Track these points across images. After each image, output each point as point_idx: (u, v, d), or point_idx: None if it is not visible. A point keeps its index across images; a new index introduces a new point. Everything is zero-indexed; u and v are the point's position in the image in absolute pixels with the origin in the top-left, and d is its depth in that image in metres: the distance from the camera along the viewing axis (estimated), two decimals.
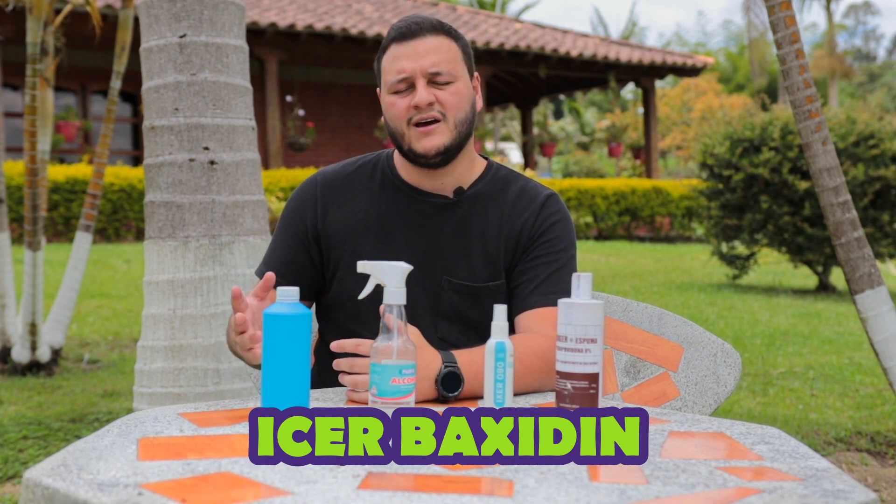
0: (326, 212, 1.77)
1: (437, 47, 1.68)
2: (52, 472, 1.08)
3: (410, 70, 1.67)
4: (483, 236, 1.75)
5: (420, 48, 1.67)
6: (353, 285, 1.73)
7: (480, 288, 1.74)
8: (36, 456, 3.36)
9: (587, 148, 23.56)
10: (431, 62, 1.67)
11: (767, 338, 6.19)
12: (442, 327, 1.72)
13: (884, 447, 3.58)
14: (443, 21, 1.72)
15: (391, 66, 1.69)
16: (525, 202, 1.77)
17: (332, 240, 1.76)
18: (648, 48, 17.95)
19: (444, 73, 1.67)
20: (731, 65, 42.14)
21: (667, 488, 1.06)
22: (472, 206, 1.76)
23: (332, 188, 1.79)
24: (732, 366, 1.90)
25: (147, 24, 2.66)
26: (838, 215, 3.18)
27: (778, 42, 3.17)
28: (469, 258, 1.74)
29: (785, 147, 8.16)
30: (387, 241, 1.74)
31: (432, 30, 1.69)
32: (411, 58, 1.67)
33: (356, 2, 15.90)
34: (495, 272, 1.74)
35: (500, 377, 1.38)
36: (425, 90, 1.66)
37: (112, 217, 11.57)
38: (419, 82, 1.67)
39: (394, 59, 1.68)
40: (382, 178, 1.79)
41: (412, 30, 1.68)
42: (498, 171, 1.82)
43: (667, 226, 16.16)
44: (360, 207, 1.77)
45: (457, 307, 1.73)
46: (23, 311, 4.76)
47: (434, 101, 1.67)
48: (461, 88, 1.70)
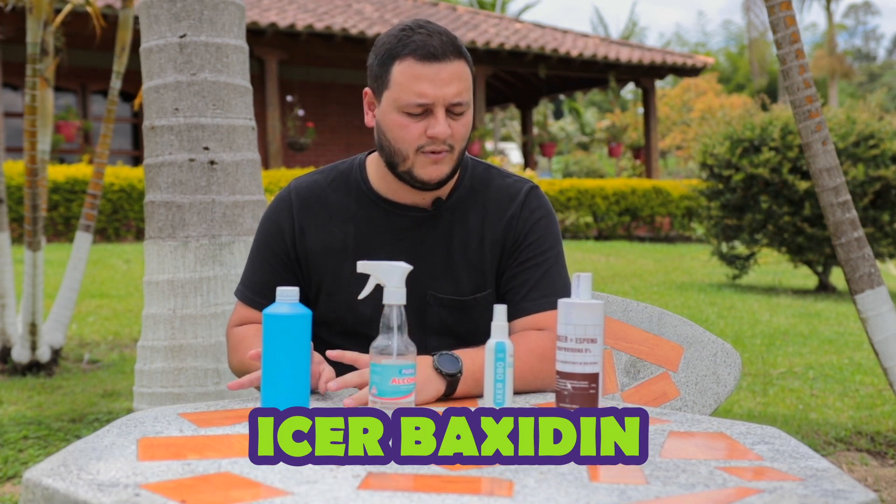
0: (304, 232, 1.73)
1: (459, 75, 1.60)
2: (51, 473, 1.08)
3: (433, 97, 1.58)
4: (465, 246, 1.71)
5: (444, 74, 1.58)
6: (336, 308, 1.72)
7: (467, 301, 1.71)
8: (36, 456, 3.36)
9: (587, 148, 23.56)
10: (455, 92, 1.59)
11: (767, 338, 6.19)
12: (432, 342, 1.69)
13: (884, 447, 3.58)
14: (453, 35, 1.64)
15: (410, 86, 1.58)
16: (505, 201, 1.74)
17: (311, 261, 1.73)
18: (648, 48, 17.95)
19: (463, 103, 1.61)
20: (731, 65, 42.14)
21: (667, 488, 1.06)
22: (451, 215, 1.72)
23: (308, 207, 1.74)
24: (732, 366, 1.90)
25: (147, 24, 2.66)
26: (838, 215, 3.17)
27: (778, 42, 3.17)
28: (453, 271, 1.71)
29: (785, 147, 8.16)
30: (367, 259, 1.72)
31: (454, 53, 1.60)
32: (435, 83, 1.58)
33: (356, 2, 15.90)
34: (481, 283, 1.72)
35: (500, 377, 1.37)
36: (445, 122, 1.59)
37: (112, 217, 11.57)
38: (439, 111, 1.59)
39: (413, 78, 1.58)
40: (358, 194, 1.73)
41: (437, 52, 1.58)
42: (474, 171, 1.76)
43: (667, 226, 16.16)
44: (337, 228, 1.72)
45: (445, 322, 1.71)
46: (23, 311, 4.76)
47: (450, 134, 1.61)
48: (470, 117, 1.65)
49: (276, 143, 13.77)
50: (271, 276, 1.74)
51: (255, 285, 1.76)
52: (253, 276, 1.77)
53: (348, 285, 1.69)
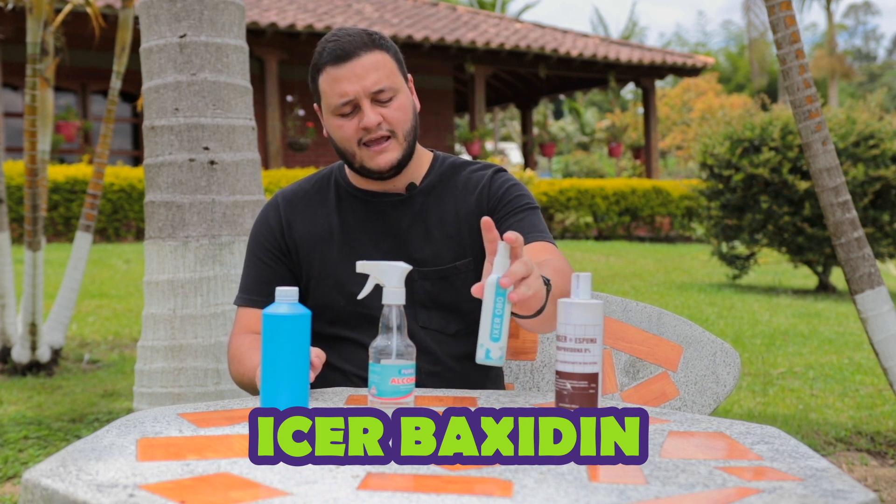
0: (291, 226, 1.82)
1: (375, 64, 1.69)
2: (50, 473, 1.08)
3: (353, 92, 1.68)
4: (442, 223, 1.78)
5: (358, 69, 1.67)
6: (327, 292, 1.78)
7: (448, 269, 1.77)
8: (36, 456, 3.36)
9: (587, 148, 23.58)
10: (373, 81, 1.68)
11: (767, 338, 6.19)
12: (421, 315, 1.75)
13: (884, 447, 3.58)
14: (368, 30, 1.73)
15: (332, 90, 1.69)
16: (475, 180, 1.82)
17: (300, 251, 1.81)
18: (648, 48, 17.95)
19: (386, 89, 1.69)
20: (731, 65, 42.15)
21: (666, 488, 1.05)
22: (426, 197, 1.81)
23: (294, 205, 1.84)
24: (732, 365, 1.90)
25: (147, 24, 2.66)
26: (838, 215, 3.17)
27: (778, 42, 3.17)
28: (432, 244, 1.77)
29: (785, 147, 8.16)
30: (352, 245, 1.78)
31: (365, 46, 1.69)
32: (352, 80, 1.67)
33: (356, 2, 15.91)
34: (460, 252, 1.77)
35: (498, 312, 1.34)
36: (372, 111, 1.68)
37: (112, 217, 11.57)
38: (364, 103, 1.68)
39: (333, 81, 1.69)
40: (338, 189, 1.83)
41: (346, 50, 1.67)
42: (444, 161, 1.86)
43: (667, 226, 16.16)
44: (322, 220, 1.81)
45: (430, 294, 1.76)
46: (23, 311, 4.76)
47: (381, 121, 1.70)
48: (403, 101, 1.73)
49: (276, 143, 13.77)
50: (265, 271, 1.81)
51: (251, 284, 1.82)
52: (248, 278, 1.84)
53: (336, 268, 1.77)
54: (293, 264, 1.81)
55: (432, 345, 1.75)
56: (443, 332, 1.77)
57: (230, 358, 1.78)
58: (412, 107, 1.76)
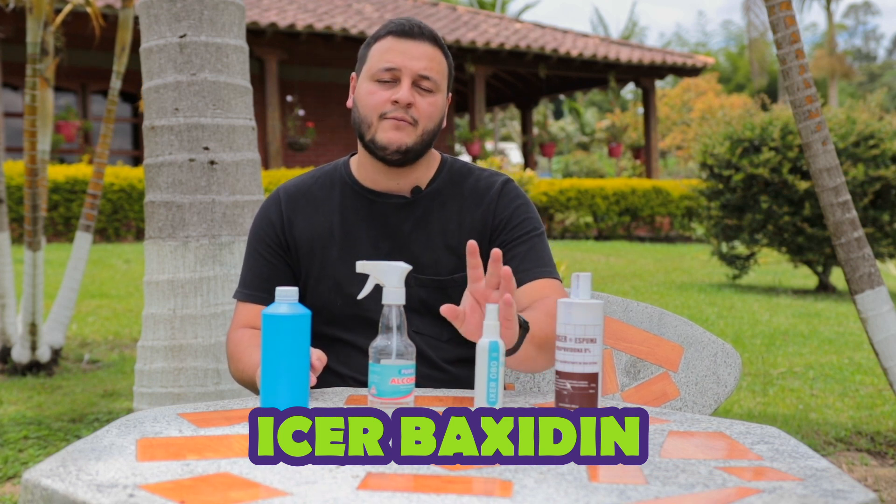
0: (292, 223, 1.81)
1: (432, 56, 1.72)
2: (50, 473, 1.08)
3: (401, 64, 1.69)
4: (444, 231, 1.77)
5: (416, 50, 1.70)
6: (326, 291, 1.77)
7: (446, 281, 1.76)
8: (36, 456, 3.36)
9: (587, 148, 23.58)
10: (423, 66, 1.70)
11: (767, 338, 6.19)
12: (414, 321, 1.75)
13: (884, 447, 3.58)
14: (435, 32, 1.76)
15: (381, 55, 1.71)
16: (482, 191, 1.80)
17: (300, 249, 1.80)
18: (648, 48, 17.95)
19: (431, 79, 1.71)
20: (731, 65, 42.15)
21: (666, 488, 1.05)
22: (430, 202, 1.79)
23: (295, 201, 1.82)
24: (732, 366, 1.90)
25: (147, 24, 2.66)
26: (838, 215, 3.17)
27: (778, 42, 3.17)
28: (432, 252, 1.76)
29: (785, 147, 8.15)
30: (352, 245, 1.77)
31: (431, 39, 1.73)
32: (405, 55, 1.69)
33: (356, 2, 15.90)
34: (460, 263, 1.76)
35: (493, 376, 1.36)
36: (408, 90, 1.69)
37: (112, 217, 11.56)
38: (405, 81, 1.69)
39: (387, 49, 1.71)
40: (342, 186, 1.82)
41: (413, 31, 1.71)
42: (453, 165, 1.85)
43: (667, 226, 16.16)
44: (323, 218, 1.80)
45: (425, 302, 1.76)
46: (23, 311, 4.76)
47: (413, 105, 1.70)
48: (439, 102, 1.74)
49: (276, 143, 13.77)
50: (265, 267, 1.80)
51: (251, 280, 1.81)
52: (248, 273, 1.83)
53: (335, 269, 1.77)
54: (293, 261, 1.81)
55: (427, 349, 1.75)
56: (437, 339, 1.76)
57: (229, 354, 1.78)
58: (442, 114, 1.76)
